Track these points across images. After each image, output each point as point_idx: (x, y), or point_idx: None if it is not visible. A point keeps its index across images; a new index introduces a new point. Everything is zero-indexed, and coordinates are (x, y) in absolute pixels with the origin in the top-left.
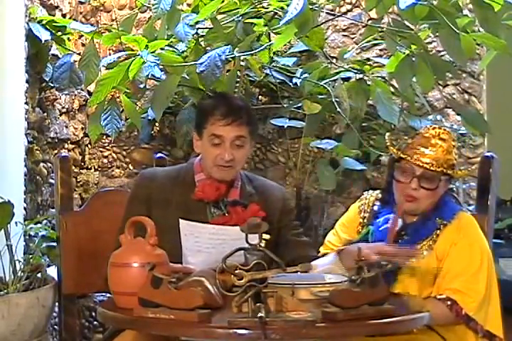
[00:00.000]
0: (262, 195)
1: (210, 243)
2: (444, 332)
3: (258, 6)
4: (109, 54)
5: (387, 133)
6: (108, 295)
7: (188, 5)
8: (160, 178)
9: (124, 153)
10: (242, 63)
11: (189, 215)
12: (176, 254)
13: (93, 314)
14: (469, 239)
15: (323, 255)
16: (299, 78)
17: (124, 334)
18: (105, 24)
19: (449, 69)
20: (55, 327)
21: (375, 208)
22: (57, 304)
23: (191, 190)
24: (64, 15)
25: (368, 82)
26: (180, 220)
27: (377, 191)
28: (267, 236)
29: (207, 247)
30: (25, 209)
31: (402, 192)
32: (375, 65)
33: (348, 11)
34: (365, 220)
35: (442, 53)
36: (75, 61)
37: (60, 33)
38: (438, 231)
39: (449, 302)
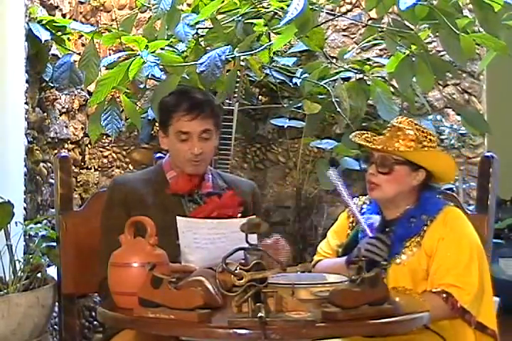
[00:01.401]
0: (232, 189)
1: (208, 238)
2: (442, 332)
3: (258, 6)
4: (109, 54)
5: (353, 133)
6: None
7: (188, 5)
8: (132, 182)
9: (124, 153)
10: (242, 63)
11: (167, 213)
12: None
13: (93, 314)
14: (456, 233)
15: (316, 262)
16: (299, 78)
17: (122, 335)
18: (105, 24)
19: (449, 69)
20: (55, 326)
21: (363, 211)
22: (57, 304)
23: (164, 188)
24: (64, 15)
25: (368, 82)
26: (178, 217)
27: (366, 196)
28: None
29: (206, 243)
30: (25, 209)
31: (367, 181)
32: (375, 65)
33: (348, 11)
34: (353, 224)
35: (442, 53)
36: (75, 61)
37: (60, 33)
38: (425, 227)
39: (444, 295)
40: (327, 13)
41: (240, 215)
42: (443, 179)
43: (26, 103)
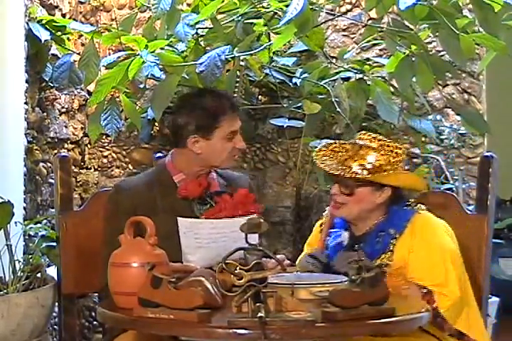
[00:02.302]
0: (231, 185)
1: (210, 237)
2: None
3: (258, 6)
4: (109, 54)
5: (322, 143)
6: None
7: (188, 5)
8: (137, 186)
9: (124, 152)
10: (241, 63)
11: (176, 216)
12: (170, 257)
13: (93, 314)
14: (425, 243)
15: None
16: (298, 78)
17: (122, 337)
18: (105, 24)
19: (449, 69)
20: (55, 327)
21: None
22: (56, 304)
23: (172, 191)
24: (64, 15)
25: (368, 82)
26: (179, 218)
27: None
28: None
29: (207, 243)
30: (24, 209)
31: (330, 199)
32: (375, 64)
33: (348, 10)
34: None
35: (442, 53)
36: (75, 61)
37: (59, 33)
38: (394, 240)
39: (424, 290)
40: (327, 13)
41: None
42: (413, 191)
43: (26, 103)
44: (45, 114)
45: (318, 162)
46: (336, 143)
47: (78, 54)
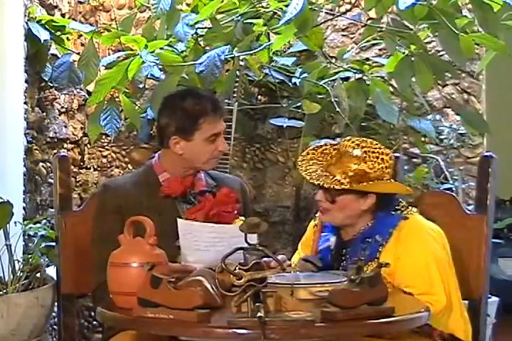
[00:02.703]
0: (221, 186)
1: (208, 241)
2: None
3: (257, 6)
4: (109, 54)
5: (309, 147)
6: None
7: (188, 5)
8: (124, 186)
9: (124, 152)
10: (241, 63)
11: (161, 215)
12: None
13: (92, 314)
14: (410, 250)
15: None
16: (298, 78)
17: (119, 336)
18: (104, 24)
19: (448, 69)
20: (54, 326)
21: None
22: (56, 304)
23: (157, 191)
24: (63, 15)
25: (367, 82)
26: (179, 220)
27: None
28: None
29: (205, 246)
30: (24, 209)
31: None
32: (375, 64)
33: (348, 10)
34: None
35: (441, 53)
36: (74, 61)
37: (59, 33)
38: (381, 247)
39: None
40: (326, 12)
41: (236, 212)
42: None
43: (25, 103)
44: (44, 113)
45: (303, 168)
46: (326, 145)
47: (78, 54)
